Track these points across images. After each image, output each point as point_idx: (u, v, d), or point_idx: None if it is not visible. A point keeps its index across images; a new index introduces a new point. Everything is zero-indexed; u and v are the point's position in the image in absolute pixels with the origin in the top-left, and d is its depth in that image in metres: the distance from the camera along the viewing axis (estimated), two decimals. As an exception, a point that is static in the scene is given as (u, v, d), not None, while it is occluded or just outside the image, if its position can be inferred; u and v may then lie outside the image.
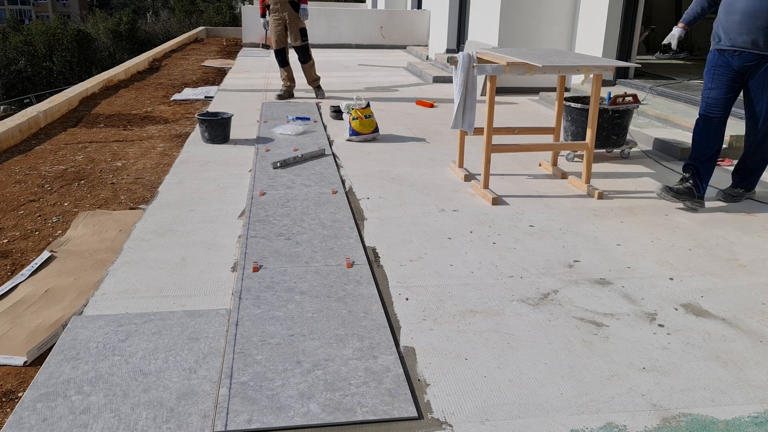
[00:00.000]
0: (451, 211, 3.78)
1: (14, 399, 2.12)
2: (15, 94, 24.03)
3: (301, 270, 2.93)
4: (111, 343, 2.31)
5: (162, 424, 1.90)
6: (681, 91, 6.59)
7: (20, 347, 2.36)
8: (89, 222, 3.60)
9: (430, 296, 2.73)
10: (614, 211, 3.81)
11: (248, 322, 2.46)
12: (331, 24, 13.57)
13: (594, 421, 1.96)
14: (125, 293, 2.70)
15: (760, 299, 2.77)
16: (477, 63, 4.02)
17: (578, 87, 7.24)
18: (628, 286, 2.87)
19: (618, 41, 7.31)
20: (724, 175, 4.62)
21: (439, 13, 10.79)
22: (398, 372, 2.17)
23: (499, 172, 4.57)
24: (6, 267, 3.11)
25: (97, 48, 27.84)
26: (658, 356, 2.32)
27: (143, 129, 6.09)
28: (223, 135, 5.24)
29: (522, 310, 2.64)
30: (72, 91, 7.48)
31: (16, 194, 4.15)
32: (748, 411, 2.02)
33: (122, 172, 4.64)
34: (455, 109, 4.10)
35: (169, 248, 3.16)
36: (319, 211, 3.68)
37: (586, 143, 4.15)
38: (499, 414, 1.99)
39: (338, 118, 6.24)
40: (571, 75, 6.74)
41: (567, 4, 7.73)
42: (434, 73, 9.10)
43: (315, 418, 1.93)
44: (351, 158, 4.88)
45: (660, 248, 3.29)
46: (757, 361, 2.30)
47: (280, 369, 2.17)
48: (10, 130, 5.40)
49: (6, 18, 39.02)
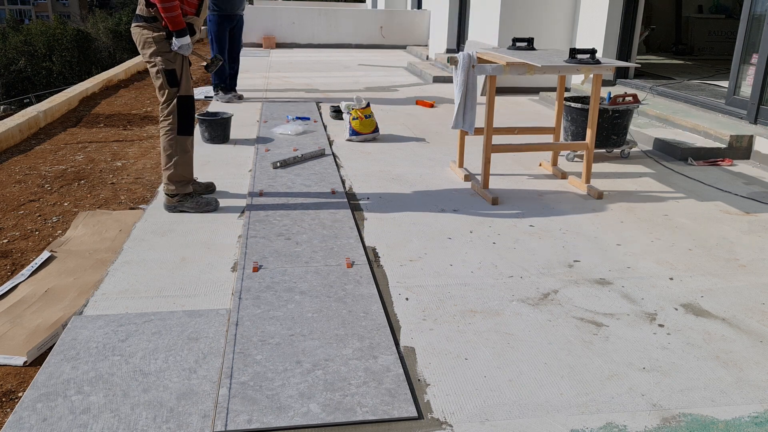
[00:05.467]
0: (451, 211, 3.77)
1: (14, 399, 2.12)
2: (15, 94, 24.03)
3: (301, 270, 2.93)
4: (111, 343, 2.31)
5: (162, 424, 1.90)
6: (681, 91, 6.59)
7: (20, 347, 2.36)
8: (89, 222, 3.60)
9: (430, 296, 2.73)
10: (614, 211, 3.81)
11: (248, 322, 2.46)
12: (331, 24, 13.57)
13: (594, 421, 1.96)
14: (125, 293, 2.70)
15: (760, 299, 2.77)
16: (477, 63, 4.02)
17: (578, 87, 7.24)
18: (628, 286, 2.87)
19: (618, 41, 7.31)
20: (724, 174, 4.63)
21: (439, 13, 10.79)
22: (398, 372, 2.17)
23: (499, 172, 4.57)
24: (6, 267, 3.11)
25: (97, 48, 27.84)
26: (658, 356, 2.32)
27: (143, 129, 6.09)
28: (223, 135, 5.24)
29: (522, 310, 2.63)
30: (72, 91, 7.48)
31: (16, 194, 4.15)
32: (748, 411, 2.02)
33: (122, 172, 4.64)
34: (456, 109, 4.10)
35: (169, 248, 3.16)
36: (319, 211, 3.68)
37: (586, 143, 4.15)
38: (499, 414, 1.99)
39: (338, 118, 6.24)
40: (571, 75, 6.73)
41: (567, 4, 7.73)
42: (434, 73, 9.10)
43: (315, 418, 1.93)
44: (351, 158, 4.88)
45: (660, 248, 3.29)
46: (757, 361, 2.30)
47: (280, 369, 2.17)
48: (10, 130, 5.40)
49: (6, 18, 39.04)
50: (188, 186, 3.66)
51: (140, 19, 3.48)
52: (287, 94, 7.71)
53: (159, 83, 3.52)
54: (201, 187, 3.92)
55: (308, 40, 13.52)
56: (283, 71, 9.75)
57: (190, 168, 3.67)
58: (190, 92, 3.60)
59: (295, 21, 13.40)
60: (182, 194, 3.63)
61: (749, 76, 5.45)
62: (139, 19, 3.49)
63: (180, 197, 3.63)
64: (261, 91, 7.89)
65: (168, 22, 3.38)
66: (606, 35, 7.26)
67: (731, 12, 10.64)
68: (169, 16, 3.35)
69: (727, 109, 5.69)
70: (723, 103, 5.79)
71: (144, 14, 3.45)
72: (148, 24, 3.45)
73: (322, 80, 8.90)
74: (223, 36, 6.80)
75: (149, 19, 3.44)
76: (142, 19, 3.46)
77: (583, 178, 4.20)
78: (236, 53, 7.07)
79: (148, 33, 3.46)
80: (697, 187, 4.33)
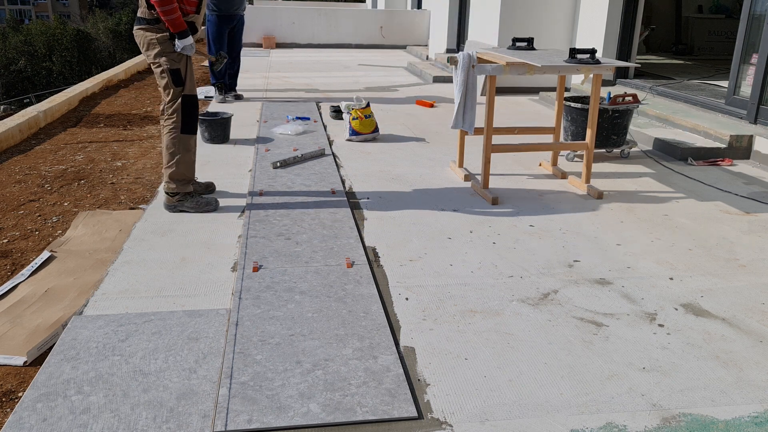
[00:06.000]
0: (451, 211, 3.77)
1: (14, 399, 2.12)
2: (15, 94, 24.03)
3: (301, 270, 2.93)
4: (111, 343, 2.31)
5: (162, 424, 1.90)
6: (681, 91, 6.59)
7: (20, 347, 2.36)
8: (89, 222, 3.60)
9: (430, 296, 2.73)
10: (614, 211, 3.81)
11: (248, 322, 2.46)
12: (331, 24, 13.57)
13: (594, 421, 1.96)
14: (125, 293, 2.70)
15: (760, 299, 2.77)
16: (477, 63, 4.02)
17: (578, 87, 7.24)
18: (628, 286, 2.87)
19: (618, 41, 7.31)
20: (724, 174, 4.63)
21: (439, 13, 10.79)
22: (398, 372, 2.17)
23: (499, 172, 4.57)
24: (6, 267, 3.11)
25: (97, 48, 27.84)
26: (658, 356, 2.32)
27: (143, 129, 6.09)
28: (223, 135, 5.24)
29: (522, 310, 2.63)
30: (72, 91, 7.48)
31: (16, 194, 4.15)
32: (748, 411, 2.02)
33: (122, 172, 4.64)
34: (455, 109, 4.10)
35: (169, 248, 3.16)
36: (319, 211, 3.68)
37: (586, 143, 4.15)
38: (499, 414, 1.99)
39: (338, 118, 6.24)
40: (571, 75, 6.73)
41: (567, 4, 7.73)
42: (434, 73, 9.10)
43: (315, 418, 1.93)
44: (351, 158, 4.88)
45: (660, 248, 3.29)
46: (757, 361, 2.30)
47: (280, 369, 2.17)
48: (10, 130, 5.40)
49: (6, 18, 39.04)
50: (189, 185, 3.67)
51: (143, 22, 3.48)
52: (287, 94, 7.71)
53: (164, 83, 3.52)
54: (201, 187, 3.92)
55: (308, 40, 13.52)
56: (283, 71, 9.74)
57: (191, 167, 3.67)
58: (194, 92, 3.61)
59: (295, 21, 13.39)
60: (182, 193, 3.64)
61: (749, 76, 5.45)
62: (141, 21, 3.49)
63: (180, 196, 3.64)
64: (261, 91, 7.89)
65: (169, 25, 3.39)
66: (606, 35, 7.26)
67: (731, 12, 10.64)
68: (169, 18, 3.36)
69: (727, 109, 5.69)
70: (723, 103, 5.80)
71: (146, 16, 3.45)
72: (151, 26, 3.45)
73: (322, 80, 8.90)
74: (221, 37, 6.78)
75: (152, 21, 3.44)
76: (145, 22, 3.47)
77: (583, 178, 4.20)
78: (236, 53, 7.07)
79: (151, 35, 3.46)
80: (697, 187, 4.33)
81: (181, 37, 3.44)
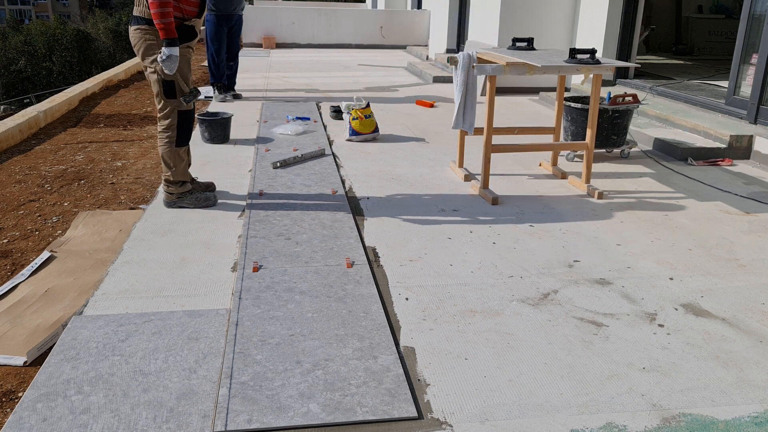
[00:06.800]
0: (451, 211, 3.77)
1: (14, 399, 2.12)
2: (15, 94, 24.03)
3: (301, 270, 2.93)
4: (111, 343, 2.31)
5: (162, 424, 1.90)
6: (681, 91, 6.59)
7: (20, 347, 2.36)
8: (89, 222, 3.60)
9: (430, 296, 2.73)
10: (614, 211, 3.81)
11: (248, 322, 2.46)
12: (331, 24, 13.57)
13: (594, 421, 1.96)
14: (125, 293, 2.70)
15: (760, 299, 2.77)
16: (477, 63, 4.02)
17: (578, 87, 7.24)
18: (628, 286, 2.87)
19: (618, 41, 7.31)
20: (724, 174, 4.63)
21: (439, 13, 10.79)
22: (398, 372, 2.17)
23: (499, 172, 4.57)
24: (6, 267, 3.11)
25: (97, 48, 27.84)
26: (658, 356, 2.32)
27: (143, 129, 6.09)
28: (223, 135, 5.24)
29: (522, 310, 2.63)
30: (72, 91, 7.48)
31: (16, 194, 4.15)
32: (748, 411, 2.02)
33: (122, 172, 4.64)
34: (455, 109, 4.10)
35: (169, 248, 3.16)
36: (319, 211, 3.68)
37: (586, 143, 4.15)
38: (499, 414, 1.99)
39: (338, 118, 6.24)
40: (571, 75, 6.73)
41: (567, 4, 7.73)
42: (434, 73, 9.10)
43: (315, 418, 1.93)
44: (351, 158, 4.88)
45: (660, 248, 3.29)
46: (757, 361, 2.30)
47: (280, 369, 2.17)
48: (10, 130, 5.40)
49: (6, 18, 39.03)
50: (187, 185, 3.72)
51: (142, 22, 3.31)
52: (287, 94, 7.71)
53: (156, 90, 3.46)
54: (201, 187, 3.92)
55: (308, 40, 13.52)
56: (283, 71, 9.74)
57: (186, 171, 3.72)
58: (191, 107, 3.56)
59: (295, 21, 13.39)
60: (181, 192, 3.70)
61: (749, 76, 5.45)
62: (140, 21, 3.31)
63: (179, 194, 3.69)
64: (261, 91, 7.89)
65: (160, 29, 3.21)
66: (606, 35, 7.26)
67: (731, 12, 10.64)
68: (163, 22, 3.18)
69: (727, 109, 5.69)
70: (723, 103, 5.80)
71: (146, 16, 3.27)
72: (150, 27, 3.30)
73: (322, 80, 8.90)
74: (219, 36, 6.80)
75: (152, 21, 3.27)
76: (144, 22, 3.30)
77: (583, 178, 4.20)
78: (235, 52, 7.07)
79: (151, 37, 3.32)
80: (697, 187, 4.33)
81: (169, 45, 3.25)
